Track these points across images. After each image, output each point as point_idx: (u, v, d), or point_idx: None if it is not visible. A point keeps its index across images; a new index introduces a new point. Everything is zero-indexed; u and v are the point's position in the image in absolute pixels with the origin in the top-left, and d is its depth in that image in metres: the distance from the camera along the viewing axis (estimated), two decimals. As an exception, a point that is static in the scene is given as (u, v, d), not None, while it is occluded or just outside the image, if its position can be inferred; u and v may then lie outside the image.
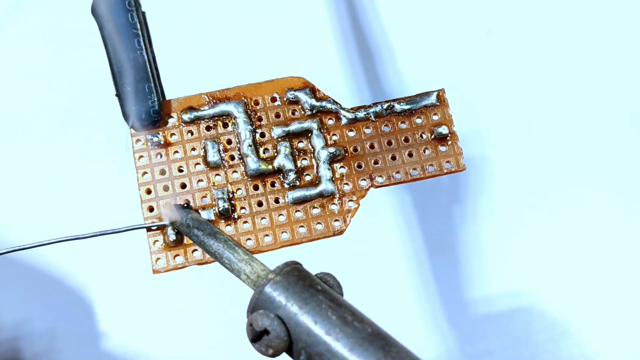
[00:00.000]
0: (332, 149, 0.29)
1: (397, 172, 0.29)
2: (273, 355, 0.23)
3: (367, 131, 0.29)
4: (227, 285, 0.42)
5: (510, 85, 0.46)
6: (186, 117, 0.29)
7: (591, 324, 0.42)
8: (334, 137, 0.29)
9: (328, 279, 0.25)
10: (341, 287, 0.25)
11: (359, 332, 0.22)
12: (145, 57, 0.28)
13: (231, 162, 0.29)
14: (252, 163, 0.29)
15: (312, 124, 0.29)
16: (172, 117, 0.29)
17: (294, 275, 0.24)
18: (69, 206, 0.42)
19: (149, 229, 0.28)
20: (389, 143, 0.29)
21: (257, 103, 0.29)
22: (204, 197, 0.28)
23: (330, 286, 0.25)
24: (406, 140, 0.29)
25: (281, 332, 0.23)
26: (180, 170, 0.29)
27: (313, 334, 0.23)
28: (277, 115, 0.29)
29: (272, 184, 0.29)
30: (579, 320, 0.42)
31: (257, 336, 0.23)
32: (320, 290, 0.24)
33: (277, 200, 0.29)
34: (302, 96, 0.29)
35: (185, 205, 0.28)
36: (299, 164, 0.29)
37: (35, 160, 0.43)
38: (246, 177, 0.29)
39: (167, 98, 0.29)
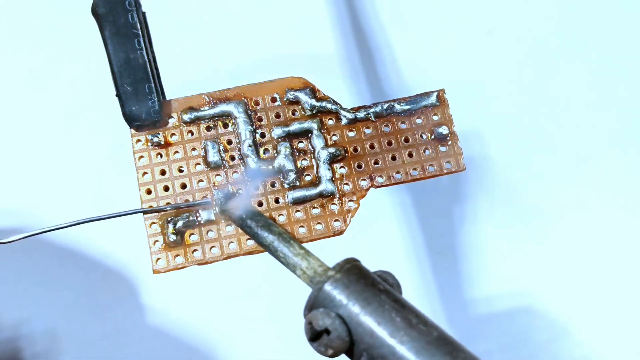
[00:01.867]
0: (332, 149, 0.29)
1: (397, 172, 0.29)
2: (333, 356, 0.22)
3: (367, 131, 0.29)
4: (227, 285, 0.42)
5: (511, 85, 0.46)
6: (186, 117, 0.29)
7: (591, 324, 0.42)
8: (334, 138, 0.29)
9: (387, 277, 0.24)
10: (400, 287, 0.24)
11: (425, 335, 0.22)
12: (146, 57, 0.28)
13: (231, 163, 0.29)
14: (253, 163, 0.29)
15: (312, 124, 0.29)
16: (172, 117, 0.29)
17: (355, 274, 0.23)
18: (69, 207, 0.42)
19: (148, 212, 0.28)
20: (389, 143, 0.29)
21: (257, 103, 0.29)
22: (205, 197, 0.28)
23: (390, 285, 0.24)
24: (406, 140, 0.29)
25: (342, 333, 0.22)
26: (181, 171, 0.29)
27: (376, 335, 0.22)
28: (277, 116, 0.29)
29: (272, 184, 0.29)
30: (579, 320, 0.42)
31: (316, 335, 0.22)
32: (382, 290, 0.23)
33: (277, 201, 0.29)
34: (302, 96, 0.30)
35: (239, 194, 0.28)
36: (299, 164, 0.29)
37: (35, 160, 0.43)
38: (246, 178, 0.29)
39: (168, 98, 0.29)
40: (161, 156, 0.29)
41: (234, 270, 0.35)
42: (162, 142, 0.29)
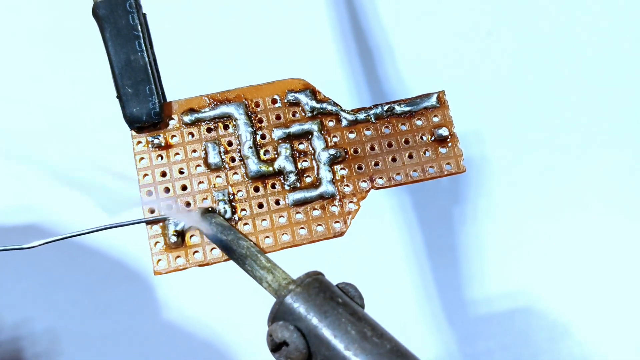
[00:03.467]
0: (332, 151, 0.29)
1: (398, 174, 0.29)
2: None
3: (368, 133, 0.29)
4: (227, 285, 0.42)
5: (511, 85, 0.46)
6: (187, 118, 0.29)
7: (591, 324, 0.42)
8: (335, 139, 0.29)
9: (349, 289, 0.25)
10: (362, 298, 0.25)
11: (378, 347, 0.22)
12: (146, 58, 0.28)
13: (232, 164, 0.29)
14: (253, 165, 0.29)
15: (313, 126, 0.29)
16: (173, 119, 0.29)
17: (315, 287, 0.24)
18: (69, 208, 0.42)
19: (151, 222, 0.28)
20: (390, 145, 0.29)
21: (257, 105, 0.29)
22: (205, 199, 0.28)
23: (352, 297, 0.24)
24: (406, 142, 0.29)
25: (300, 345, 0.23)
26: (181, 172, 0.29)
27: (332, 347, 0.23)
28: (278, 117, 0.29)
29: (273, 186, 0.29)
30: (579, 320, 0.42)
31: (276, 347, 0.23)
32: (340, 304, 0.24)
33: (277, 202, 0.29)
34: (303, 98, 0.30)
35: (210, 209, 0.28)
36: (299, 166, 0.29)
37: (34, 161, 0.43)
38: (247, 179, 0.29)
39: (168, 100, 0.29)
40: (162, 158, 0.29)
41: (234, 270, 0.35)
42: (163, 144, 0.29)
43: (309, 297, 0.24)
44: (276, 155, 0.29)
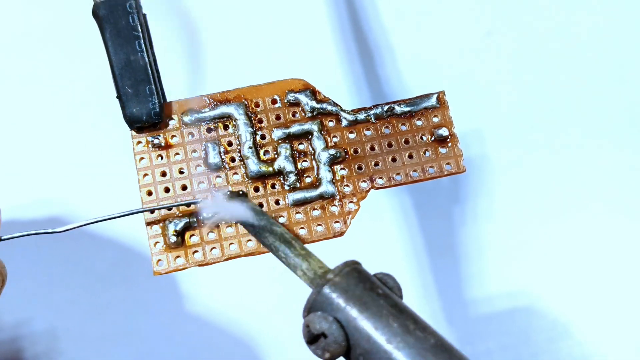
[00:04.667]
0: (332, 151, 0.29)
1: (398, 174, 0.29)
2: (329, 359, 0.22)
3: (368, 133, 0.29)
4: (228, 284, 0.42)
5: (511, 85, 0.46)
6: (187, 119, 0.29)
7: (591, 324, 0.42)
8: (335, 139, 0.29)
9: (388, 280, 0.24)
10: (401, 290, 0.24)
11: (421, 342, 0.22)
12: (146, 59, 0.28)
13: (232, 164, 0.29)
14: (253, 165, 0.29)
15: (313, 126, 0.29)
16: (173, 119, 0.29)
17: (354, 277, 0.23)
18: (69, 208, 0.42)
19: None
20: (390, 145, 0.29)
21: (257, 105, 0.30)
22: (205, 198, 0.28)
23: (390, 288, 0.24)
24: (406, 142, 0.29)
25: (339, 337, 0.22)
26: (181, 172, 0.29)
27: (373, 341, 0.22)
28: (278, 117, 0.29)
29: (273, 186, 0.29)
30: (579, 320, 0.42)
31: (313, 338, 0.22)
32: (381, 295, 0.23)
33: (277, 202, 0.29)
34: (303, 98, 0.30)
35: (241, 193, 0.28)
36: (299, 166, 0.29)
37: (34, 161, 0.43)
38: (247, 179, 0.29)
39: (168, 100, 0.29)
40: (162, 158, 0.29)
41: (235, 270, 0.35)
42: (163, 144, 0.29)
43: (348, 287, 0.23)
44: (276, 156, 0.29)
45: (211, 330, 0.42)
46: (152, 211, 0.28)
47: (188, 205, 0.28)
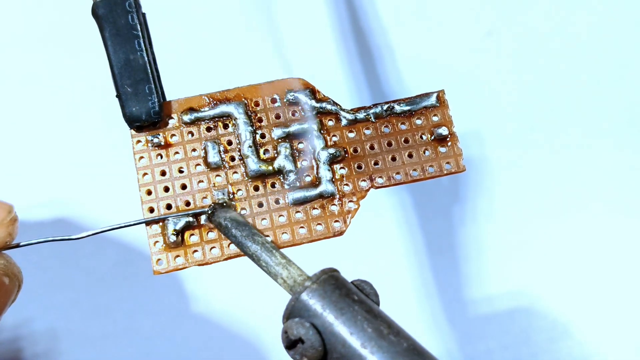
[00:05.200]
0: (332, 150, 0.29)
1: (397, 173, 0.29)
2: None
3: (367, 132, 0.29)
4: (228, 284, 0.42)
5: (511, 85, 0.46)
6: (187, 118, 0.29)
7: (591, 324, 0.42)
8: (334, 138, 0.29)
9: (365, 286, 0.25)
10: (378, 296, 0.25)
11: (394, 346, 0.22)
12: (146, 58, 0.28)
13: (232, 163, 0.29)
14: (253, 164, 0.29)
15: (312, 125, 0.29)
16: (172, 118, 0.29)
17: (331, 284, 0.24)
18: (68, 207, 0.42)
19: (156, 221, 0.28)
20: (389, 144, 0.29)
21: (257, 104, 0.30)
22: (205, 197, 0.28)
23: (367, 294, 0.24)
24: (406, 141, 0.29)
25: (316, 342, 0.23)
26: (181, 171, 0.29)
27: (348, 345, 0.23)
28: (277, 116, 0.29)
29: (273, 185, 0.29)
30: (579, 320, 0.42)
31: (291, 344, 0.23)
32: (356, 301, 0.24)
33: (277, 201, 0.29)
34: (302, 97, 0.30)
35: (225, 204, 0.28)
36: (299, 165, 0.29)
37: (33, 161, 0.43)
38: (246, 178, 0.29)
39: (168, 99, 0.29)
40: (161, 157, 0.29)
41: (236, 269, 0.35)
42: (162, 143, 0.29)
43: (325, 294, 0.23)
44: (276, 155, 0.29)
45: (212, 330, 0.42)
46: (151, 210, 0.28)
47: (198, 214, 0.28)
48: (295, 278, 0.25)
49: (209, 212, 0.28)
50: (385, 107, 0.30)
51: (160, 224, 0.28)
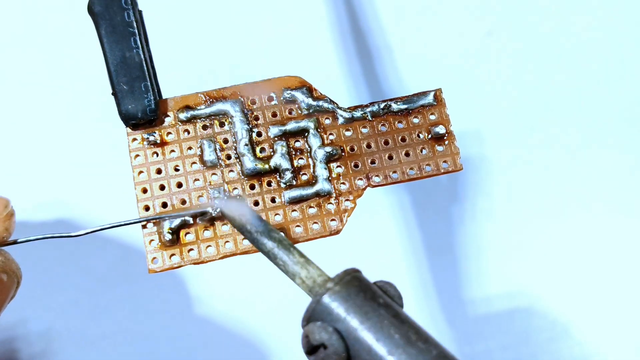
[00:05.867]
0: (328, 149, 0.29)
1: (394, 172, 0.29)
2: None
3: (364, 131, 0.29)
4: (229, 283, 0.42)
5: (510, 85, 0.46)
6: (183, 116, 0.29)
7: (591, 324, 0.42)
8: (331, 137, 0.29)
9: (388, 288, 0.23)
10: (402, 298, 0.23)
11: (424, 353, 0.21)
12: (142, 55, 0.28)
13: (228, 162, 0.29)
14: (249, 162, 0.29)
15: (309, 124, 0.29)
16: (168, 116, 0.29)
17: (355, 286, 0.22)
18: (66, 206, 0.42)
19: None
20: (386, 143, 0.29)
21: (253, 102, 0.29)
22: (201, 196, 0.28)
23: (391, 297, 0.23)
24: (403, 139, 0.29)
25: (339, 348, 0.22)
26: (177, 170, 0.29)
27: (374, 352, 0.21)
28: (274, 115, 0.29)
29: (269, 184, 0.29)
30: (579, 320, 0.42)
31: (313, 349, 0.22)
32: (382, 304, 0.22)
33: (273, 200, 0.29)
34: (299, 95, 0.29)
35: (239, 197, 0.28)
36: (295, 164, 0.29)
37: (29, 159, 0.43)
38: (243, 177, 0.29)
39: (164, 97, 0.29)
40: (157, 155, 0.29)
41: (236, 269, 0.35)
42: (158, 141, 0.29)
43: (348, 296, 0.22)
44: (272, 153, 0.29)
45: (212, 330, 0.42)
46: (147, 208, 0.28)
47: (203, 214, 0.28)
48: (315, 278, 0.23)
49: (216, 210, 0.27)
50: (382, 106, 0.30)
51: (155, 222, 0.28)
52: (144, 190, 0.28)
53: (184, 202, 0.28)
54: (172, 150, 0.29)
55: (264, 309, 0.42)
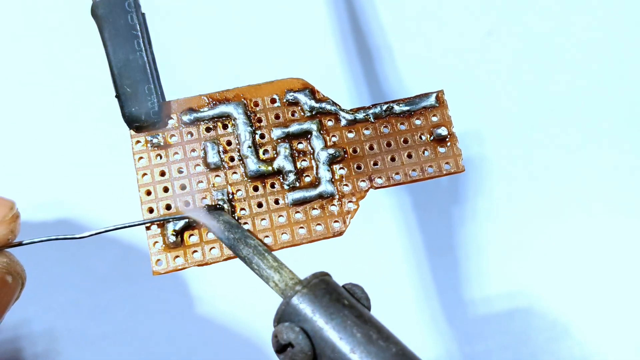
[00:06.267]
0: (331, 150, 0.29)
1: (397, 174, 0.29)
2: None
3: (367, 132, 0.29)
4: (228, 283, 0.42)
5: (511, 85, 0.46)
6: (186, 118, 0.29)
7: (591, 324, 0.42)
8: (334, 139, 0.29)
9: (356, 290, 0.25)
10: (369, 300, 0.25)
11: (383, 351, 0.22)
12: (145, 58, 0.28)
13: (231, 164, 0.29)
14: (252, 164, 0.29)
15: (312, 125, 0.29)
16: (171, 118, 0.29)
17: (322, 288, 0.24)
18: (66, 206, 0.42)
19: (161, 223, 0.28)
20: (388, 144, 0.29)
21: (256, 104, 0.29)
22: (204, 198, 0.28)
23: (358, 298, 0.24)
24: (405, 141, 0.29)
25: (305, 347, 0.23)
26: (180, 172, 0.29)
27: (337, 350, 0.23)
28: (277, 117, 0.29)
29: (272, 185, 0.29)
30: (579, 320, 0.42)
31: (281, 348, 0.23)
32: (346, 305, 0.24)
33: (277, 202, 0.29)
34: (302, 97, 0.30)
35: (218, 206, 0.28)
36: (298, 165, 0.29)
37: (32, 161, 0.43)
38: (246, 179, 0.29)
39: (167, 99, 0.29)
40: (161, 157, 0.29)
41: (237, 269, 0.35)
42: (162, 143, 0.29)
43: (315, 298, 0.24)
44: (275, 155, 0.29)
45: (213, 331, 0.42)
46: (150, 210, 0.28)
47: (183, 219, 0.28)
48: (286, 281, 0.25)
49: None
50: (384, 108, 0.30)
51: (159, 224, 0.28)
52: (148, 193, 0.28)
53: (187, 204, 0.28)
54: (176, 153, 0.29)
55: (264, 309, 0.42)
